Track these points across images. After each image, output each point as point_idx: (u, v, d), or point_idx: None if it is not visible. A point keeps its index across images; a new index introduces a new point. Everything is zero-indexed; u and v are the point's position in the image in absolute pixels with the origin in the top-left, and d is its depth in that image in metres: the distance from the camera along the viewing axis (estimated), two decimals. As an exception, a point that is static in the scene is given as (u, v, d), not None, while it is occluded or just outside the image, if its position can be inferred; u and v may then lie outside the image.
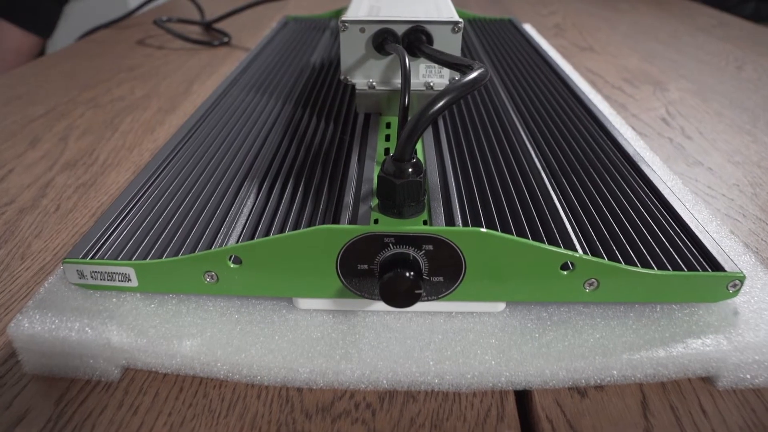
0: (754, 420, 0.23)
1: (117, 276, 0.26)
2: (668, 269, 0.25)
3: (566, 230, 0.27)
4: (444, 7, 0.38)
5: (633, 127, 0.50)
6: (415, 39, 0.34)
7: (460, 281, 0.25)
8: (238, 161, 0.34)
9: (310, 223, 0.27)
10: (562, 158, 0.34)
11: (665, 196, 0.30)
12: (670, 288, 0.25)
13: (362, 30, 0.34)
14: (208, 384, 0.25)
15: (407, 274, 0.23)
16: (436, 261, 0.24)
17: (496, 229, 0.27)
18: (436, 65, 0.35)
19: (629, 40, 0.80)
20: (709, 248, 0.26)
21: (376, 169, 0.30)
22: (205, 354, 0.24)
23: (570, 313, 0.27)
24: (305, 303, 0.27)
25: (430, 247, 0.24)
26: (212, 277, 0.25)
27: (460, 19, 0.34)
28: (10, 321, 0.25)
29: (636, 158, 0.34)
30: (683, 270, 0.25)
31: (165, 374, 0.25)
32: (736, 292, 0.25)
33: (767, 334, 0.25)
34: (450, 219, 0.27)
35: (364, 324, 0.26)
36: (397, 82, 0.36)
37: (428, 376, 0.24)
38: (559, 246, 0.26)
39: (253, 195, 0.30)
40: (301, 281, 0.25)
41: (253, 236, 0.27)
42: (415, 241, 0.24)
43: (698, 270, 0.25)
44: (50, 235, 0.35)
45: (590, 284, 0.25)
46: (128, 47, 0.75)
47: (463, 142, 0.36)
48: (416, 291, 0.23)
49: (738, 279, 0.25)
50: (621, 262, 0.25)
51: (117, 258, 0.26)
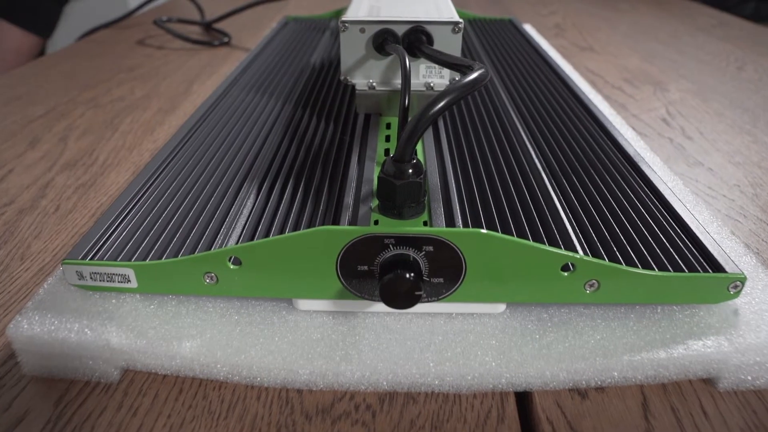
0: (755, 421, 0.23)
1: (116, 277, 0.26)
2: (669, 270, 0.25)
3: (567, 231, 0.27)
4: (444, 7, 0.38)
5: (633, 128, 0.50)
6: (416, 39, 0.34)
7: (461, 282, 0.25)
8: (237, 162, 0.34)
9: (309, 224, 0.27)
10: (562, 159, 0.34)
11: (666, 196, 0.30)
12: (671, 289, 0.25)
13: (362, 30, 0.34)
14: (208, 385, 0.25)
15: (407, 276, 0.23)
16: (436, 262, 0.24)
17: (497, 230, 0.27)
18: (437, 66, 0.35)
19: (629, 40, 0.80)
20: (710, 249, 0.26)
21: (376, 170, 0.30)
22: (204, 355, 0.24)
23: (570, 314, 0.27)
24: (305, 304, 0.27)
25: (430, 248, 0.24)
26: (212, 278, 0.25)
27: (461, 20, 0.34)
28: (10, 322, 0.25)
29: (636, 159, 0.34)
30: (684, 271, 0.25)
31: (164, 375, 0.25)
32: (737, 294, 0.25)
33: (768, 336, 0.25)
34: (450, 220, 0.27)
35: (364, 325, 0.26)
36: (398, 82, 0.36)
37: (428, 377, 0.24)
38: (560, 247, 0.26)
39: (252, 195, 0.30)
40: (301, 282, 0.25)
41: (252, 237, 0.27)
42: (415, 242, 0.24)
43: (699, 271, 0.25)
44: (50, 236, 0.35)
45: (591, 285, 0.25)
46: (128, 47, 0.75)
47: (463, 143, 0.36)
48: (416, 292, 0.23)
49: (739, 280, 0.25)
50: (622, 263, 0.25)
51: (116, 259, 0.26)
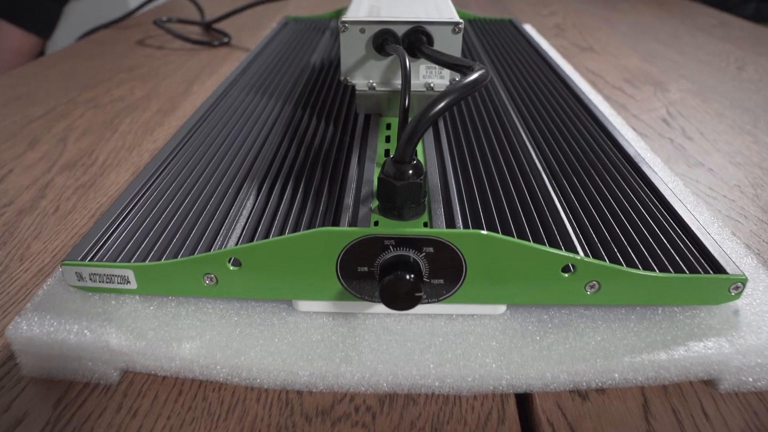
0: (756, 423, 0.23)
1: (116, 278, 0.26)
2: (670, 271, 0.25)
3: (567, 232, 0.27)
4: (444, 7, 0.38)
5: (633, 128, 0.49)
6: (416, 40, 0.34)
7: (461, 284, 0.25)
8: (237, 162, 0.34)
9: (309, 225, 0.27)
10: (562, 159, 0.34)
11: (666, 197, 0.30)
12: (672, 290, 0.25)
13: (362, 31, 0.34)
14: (208, 387, 0.25)
15: (407, 277, 0.23)
16: (436, 263, 0.24)
17: (497, 231, 0.26)
18: (437, 66, 0.35)
19: (629, 41, 0.80)
20: (711, 250, 0.26)
21: (377, 171, 0.30)
22: (204, 357, 0.24)
23: (571, 315, 0.26)
24: (305, 305, 0.27)
25: (430, 249, 0.24)
26: (211, 279, 0.25)
27: (461, 20, 0.34)
28: (9, 323, 0.25)
29: (637, 159, 0.34)
30: (685, 272, 0.25)
31: (164, 377, 0.25)
32: (738, 295, 0.25)
33: (769, 337, 0.25)
34: (450, 221, 0.27)
35: (364, 326, 0.26)
36: (398, 83, 0.36)
37: (429, 379, 0.24)
38: (560, 248, 0.25)
39: (252, 196, 0.30)
40: (300, 283, 0.25)
41: (252, 238, 0.27)
42: (415, 243, 0.24)
43: (700, 272, 0.25)
44: (49, 237, 0.35)
45: (591, 286, 0.25)
46: (128, 47, 0.75)
47: (463, 144, 0.36)
48: (416, 294, 0.23)
49: (740, 281, 0.25)
50: (622, 264, 0.25)
51: (116, 260, 0.26)
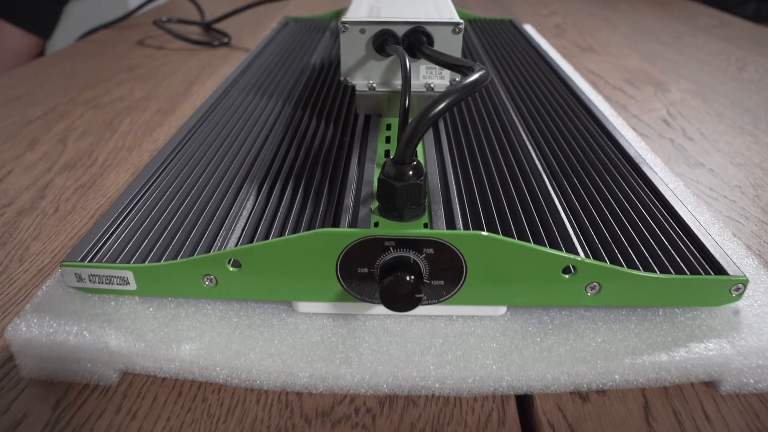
0: (758, 425, 0.23)
1: (115, 279, 0.26)
2: (671, 273, 0.25)
3: (568, 233, 0.27)
4: (444, 7, 0.38)
5: (634, 128, 0.49)
6: (416, 40, 0.34)
7: (461, 285, 0.25)
8: (237, 163, 0.34)
9: (309, 226, 0.27)
10: (563, 160, 0.34)
11: (667, 198, 0.30)
12: (673, 291, 0.25)
13: (362, 31, 0.34)
14: (207, 388, 0.25)
15: (408, 278, 0.23)
16: (436, 264, 0.24)
17: (497, 232, 0.26)
18: (437, 66, 0.35)
19: (630, 41, 0.80)
20: (712, 251, 0.26)
21: (377, 172, 0.30)
22: (204, 358, 0.24)
23: (572, 316, 0.26)
24: (305, 306, 0.27)
25: (430, 250, 0.24)
26: (211, 280, 0.25)
27: (461, 20, 0.34)
28: (8, 325, 0.25)
29: (637, 160, 0.34)
30: (686, 273, 0.25)
31: (163, 378, 0.25)
32: (739, 296, 0.25)
33: (770, 338, 0.25)
34: (451, 222, 0.27)
35: (364, 328, 0.26)
36: (398, 83, 0.36)
37: (429, 380, 0.24)
38: (561, 249, 0.25)
39: (252, 197, 0.30)
40: (300, 285, 0.25)
41: (252, 239, 0.27)
42: (415, 244, 0.23)
43: (701, 273, 0.25)
44: (49, 237, 0.35)
45: (592, 288, 0.25)
46: (128, 48, 0.75)
47: (463, 144, 0.35)
48: (417, 295, 0.23)
49: (741, 282, 0.25)
50: (623, 266, 0.25)
51: (115, 261, 0.26)
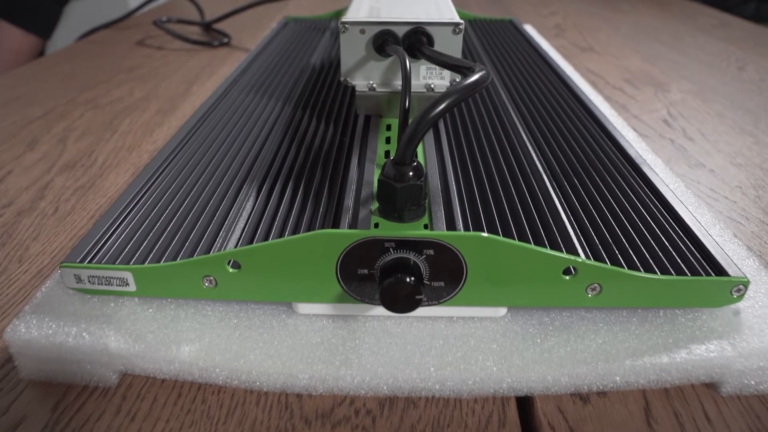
0: (759, 427, 0.23)
1: (115, 280, 0.26)
2: (671, 274, 0.25)
3: (568, 234, 0.26)
4: (445, 8, 0.37)
5: (634, 129, 0.49)
6: (416, 40, 0.34)
7: (462, 286, 0.25)
8: (237, 163, 0.34)
9: (309, 227, 0.27)
10: (563, 160, 0.34)
11: (668, 199, 0.30)
12: (674, 293, 0.25)
13: (362, 31, 0.34)
14: (207, 390, 0.25)
15: (408, 280, 0.23)
16: (437, 266, 0.24)
17: (498, 233, 0.26)
18: (437, 67, 0.35)
19: (630, 41, 0.80)
20: (713, 252, 0.26)
21: (377, 172, 0.30)
22: (203, 360, 0.24)
23: (572, 318, 0.26)
24: (305, 308, 0.26)
25: (431, 251, 0.24)
26: (211, 281, 0.25)
27: (461, 21, 0.34)
28: (7, 326, 0.25)
29: (638, 160, 0.34)
30: (686, 275, 0.25)
31: (163, 380, 0.25)
32: (740, 297, 0.25)
33: (772, 340, 0.25)
34: (451, 223, 0.26)
35: (364, 329, 0.26)
36: (398, 83, 0.36)
37: (429, 382, 0.24)
38: (562, 250, 0.25)
39: (252, 198, 0.30)
40: (300, 286, 0.25)
41: (252, 240, 0.27)
42: (415, 245, 0.23)
43: (702, 275, 0.25)
44: (48, 238, 0.35)
45: (593, 289, 0.25)
46: (128, 48, 0.75)
47: (464, 145, 0.35)
48: (417, 296, 0.23)
49: (742, 284, 0.25)
50: (624, 267, 0.25)
51: (115, 262, 0.26)
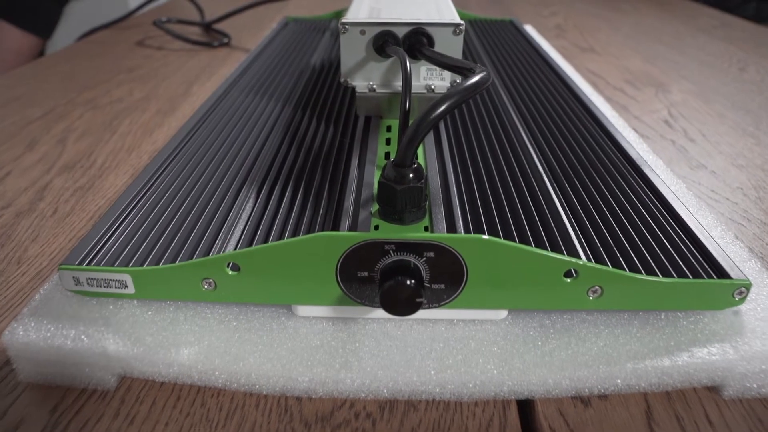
0: (761, 430, 0.23)
1: (113, 283, 0.26)
2: (673, 276, 0.25)
3: (569, 236, 0.26)
4: (445, 8, 0.37)
5: (635, 130, 0.49)
6: (416, 41, 0.34)
7: (462, 289, 0.24)
8: (237, 164, 0.34)
9: (309, 229, 0.27)
10: (564, 162, 0.34)
11: (669, 200, 0.30)
12: (675, 295, 0.25)
13: (363, 32, 0.34)
14: (206, 393, 0.25)
15: (408, 282, 0.23)
16: (437, 268, 0.24)
17: (499, 236, 0.26)
18: (438, 68, 0.35)
19: (631, 41, 0.79)
20: (714, 254, 0.26)
21: (377, 174, 0.30)
22: (202, 362, 0.24)
23: (573, 320, 0.26)
24: (304, 310, 0.26)
25: (431, 254, 0.23)
26: (210, 284, 0.25)
27: (462, 21, 0.33)
28: (5, 328, 0.25)
29: (639, 161, 0.34)
30: (688, 277, 0.25)
31: (162, 383, 0.25)
32: (742, 300, 0.25)
33: (774, 343, 0.24)
34: (451, 225, 0.26)
35: (364, 332, 0.26)
36: (398, 84, 0.36)
37: (429, 385, 0.24)
38: (563, 253, 0.25)
39: (251, 199, 0.30)
40: (300, 288, 0.25)
41: (251, 242, 0.27)
42: (416, 248, 0.23)
43: (703, 277, 0.25)
44: (47, 240, 0.35)
45: (594, 292, 0.25)
46: (128, 48, 0.75)
47: (464, 146, 0.35)
48: (417, 299, 0.23)
49: (744, 286, 0.25)
50: (625, 269, 0.25)
51: (114, 264, 0.26)
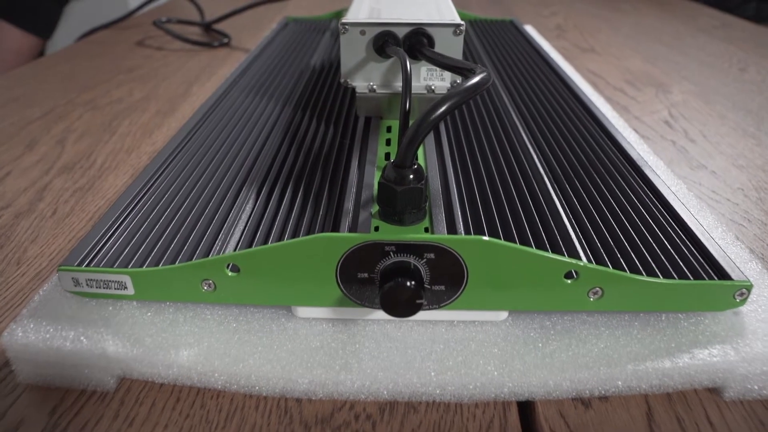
0: (762, 432, 0.23)
1: (113, 284, 0.25)
2: (674, 277, 0.25)
3: (570, 238, 0.26)
4: (445, 9, 0.37)
5: (635, 130, 0.49)
6: (416, 42, 0.33)
7: (462, 290, 0.24)
8: (236, 165, 0.33)
9: (309, 230, 0.27)
10: (564, 163, 0.34)
11: (670, 201, 0.30)
12: (676, 297, 0.25)
13: (363, 32, 0.34)
14: (206, 394, 0.25)
15: (408, 284, 0.23)
16: (437, 269, 0.24)
17: (499, 237, 0.26)
18: (438, 68, 0.35)
19: (631, 41, 0.79)
20: (715, 255, 0.26)
21: (377, 175, 0.30)
22: (202, 364, 0.24)
23: (574, 322, 0.26)
24: (304, 312, 0.26)
25: (431, 255, 0.23)
26: (210, 285, 0.25)
27: (462, 22, 0.33)
28: (4, 330, 0.25)
29: (640, 162, 0.34)
30: (689, 278, 0.25)
31: (161, 384, 0.25)
32: (743, 301, 0.25)
33: (775, 344, 0.24)
34: (452, 226, 0.26)
35: (364, 333, 0.26)
36: (398, 85, 0.36)
37: (430, 386, 0.24)
38: (563, 254, 0.25)
39: (251, 200, 0.30)
40: (300, 289, 0.25)
41: (251, 243, 0.26)
42: (416, 249, 0.23)
43: (704, 278, 0.25)
44: (46, 241, 0.35)
45: (594, 293, 0.24)
46: (128, 48, 0.75)
47: (464, 147, 0.35)
48: (417, 300, 0.23)
49: (745, 287, 0.24)
50: (626, 270, 0.25)
51: (113, 265, 0.26)
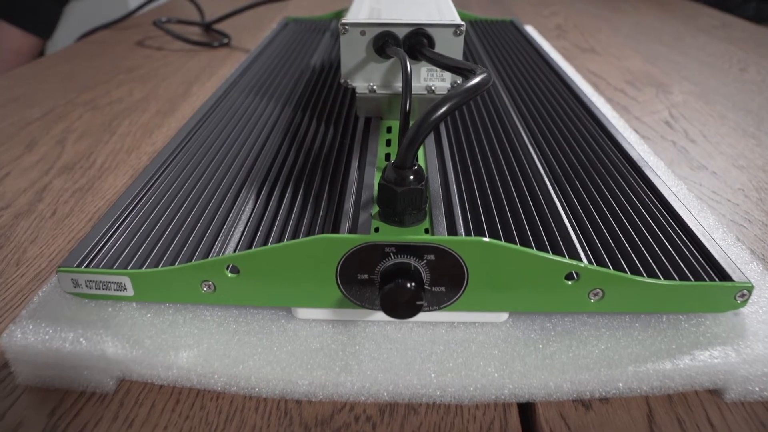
0: (763, 434, 0.23)
1: (112, 285, 0.25)
2: (674, 279, 0.25)
3: (570, 239, 0.26)
4: (446, 9, 0.37)
5: (636, 131, 0.49)
6: (417, 42, 0.33)
7: (463, 291, 0.24)
8: (236, 166, 0.33)
9: (309, 231, 0.27)
10: (565, 163, 0.34)
11: (670, 202, 0.30)
12: (677, 298, 0.25)
13: (363, 33, 0.33)
14: (205, 396, 0.24)
15: (408, 285, 0.23)
16: (437, 271, 0.24)
17: (499, 238, 0.26)
18: (438, 69, 0.35)
19: (631, 42, 0.79)
20: (716, 257, 0.26)
21: (377, 176, 0.30)
22: (202, 365, 0.24)
23: (574, 323, 0.26)
24: (304, 313, 0.26)
25: (431, 256, 0.23)
26: (209, 286, 0.25)
27: (462, 22, 0.33)
28: (3, 331, 0.25)
29: (640, 163, 0.33)
30: (690, 279, 0.25)
31: (161, 386, 0.25)
32: (744, 303, 0.25)
33: (776, 346, 0.24)
34: (452, 227, 0.26)
35: (364, 334, 0.26)
36: (398, 85, 0.36)
37: (430, 388, 0.24)
38: (564, 255, 0.25)
39: (251, 201, 0.30)
40: (300, 291, 0.25)
41: (251, 244, 0.26)
42: (416, 250, 0.23)
43: (705, 280, 0.25)
44: (46, 241, 0.34)
45: (595, 294, 0.24)
46: (127, 48, 0.75)
47: (465, 147, 0.35)
48: (418, 302, 0.23)
49: (746, 289, 0.24)
50: (626, 272, 0.25)
51: (113, 266, 0.25)
